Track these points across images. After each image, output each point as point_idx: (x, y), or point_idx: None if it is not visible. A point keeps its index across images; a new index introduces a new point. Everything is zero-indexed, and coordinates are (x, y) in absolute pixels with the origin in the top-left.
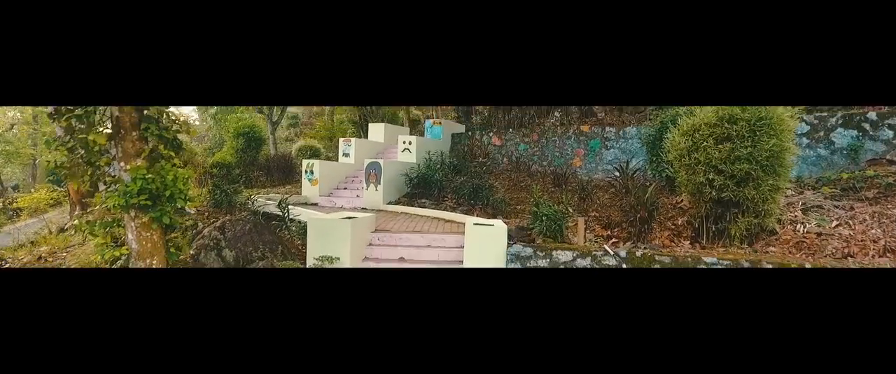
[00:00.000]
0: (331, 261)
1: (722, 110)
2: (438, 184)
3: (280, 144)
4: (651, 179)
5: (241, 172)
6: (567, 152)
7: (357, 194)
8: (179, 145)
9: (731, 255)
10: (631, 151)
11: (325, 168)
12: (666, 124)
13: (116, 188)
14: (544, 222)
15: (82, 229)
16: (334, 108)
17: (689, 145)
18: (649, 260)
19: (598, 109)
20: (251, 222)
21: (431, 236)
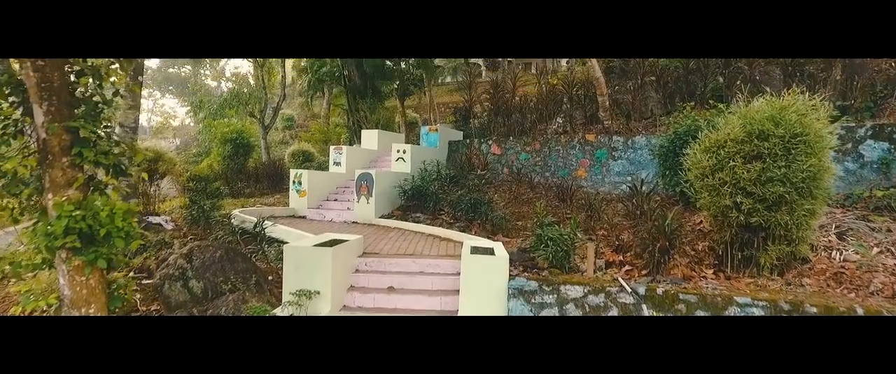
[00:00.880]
0: (309, 296)
1: (750, 125)
2: (434, 197)
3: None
4: (662, 194)
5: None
6: (571, 163)
7: (348, 206)
8: (123, 171)
9: (766, 294)
10: (640, 163)
11: (314, 179)
12: (681, 136)
13: (38, 227)
14: (550, 248)
15: (2, 271)
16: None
17: (713, 164)
18: (672, 299)
19: (603, 116)
20: (223, 247)
21: (425, 262)
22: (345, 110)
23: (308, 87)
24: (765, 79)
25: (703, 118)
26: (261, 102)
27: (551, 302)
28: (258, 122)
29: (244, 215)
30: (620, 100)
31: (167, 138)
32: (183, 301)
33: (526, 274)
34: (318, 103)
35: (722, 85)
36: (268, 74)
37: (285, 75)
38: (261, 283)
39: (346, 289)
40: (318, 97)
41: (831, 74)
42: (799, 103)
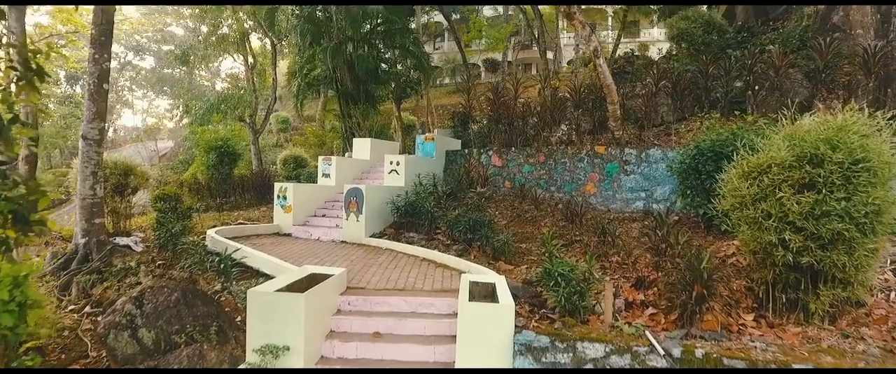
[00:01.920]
0: (275, 353)
1: (799, 147)
2: (429, 215)
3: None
4: (681, 214)
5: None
6: (579, 177)
7: (337, 222)
8: (25, 220)
9: (830, 358)
10: (656, 179)
11: (300, 192)
12: (704, 151)
13: None
14: (563, 290)
15: None
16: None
17: (755, 193)
18: (715, 363)
19: (614, 126)
20: (180, 288)
21: (417, 300)
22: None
23: (298, 92)
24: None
25: (728, 131)
26: (251, 106)
27: (566, 362)
28: (248, 126)
29: (219, 238)
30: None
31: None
32: (131, 354)
33: (535, 325)
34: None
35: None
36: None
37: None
38: (225, 330)
39: (325, 336)
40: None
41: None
42: (860, 123)
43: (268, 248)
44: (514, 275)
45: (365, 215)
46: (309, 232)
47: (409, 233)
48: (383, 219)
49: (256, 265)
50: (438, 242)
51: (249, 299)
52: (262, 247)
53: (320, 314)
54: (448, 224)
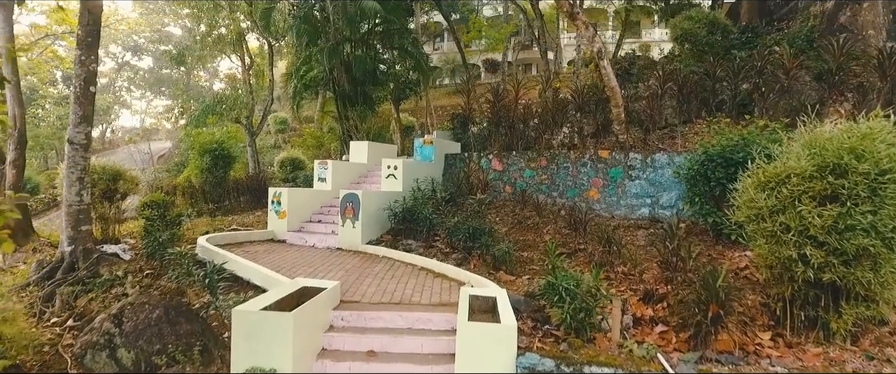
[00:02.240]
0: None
1: (820, 157)
2: (428, 221)
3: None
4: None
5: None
6: (582, 182)
7: (333, 229)
8: None
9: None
10: (661, 184)
11: (295, 198)
12: (713, 157)
13: None
14: (568, 307)
15: None
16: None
17: (772, 204)
18: None
19: (618, 130)
20: (162, 305)
21: (414, 315)
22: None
23: (294, 93)
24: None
25: (737, 136)
26: (248, 108)
27: None
28: (245, 128)
29: (209, 246)
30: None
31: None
32: None
33: (539, 345)
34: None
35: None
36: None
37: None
38: (209, 349)
39: (316, 355)
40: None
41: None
42: (886, 130)
43: (260, 256)
44: (515, 286)
45: (361, 221)
46: (304, 239)
47: (406, 240)
48: (380, 225)
49: (247, 276)
50: (437, 250)
51: (234, 319)
52: (255, 255)
53: (311, 332)
54: (447, 232)
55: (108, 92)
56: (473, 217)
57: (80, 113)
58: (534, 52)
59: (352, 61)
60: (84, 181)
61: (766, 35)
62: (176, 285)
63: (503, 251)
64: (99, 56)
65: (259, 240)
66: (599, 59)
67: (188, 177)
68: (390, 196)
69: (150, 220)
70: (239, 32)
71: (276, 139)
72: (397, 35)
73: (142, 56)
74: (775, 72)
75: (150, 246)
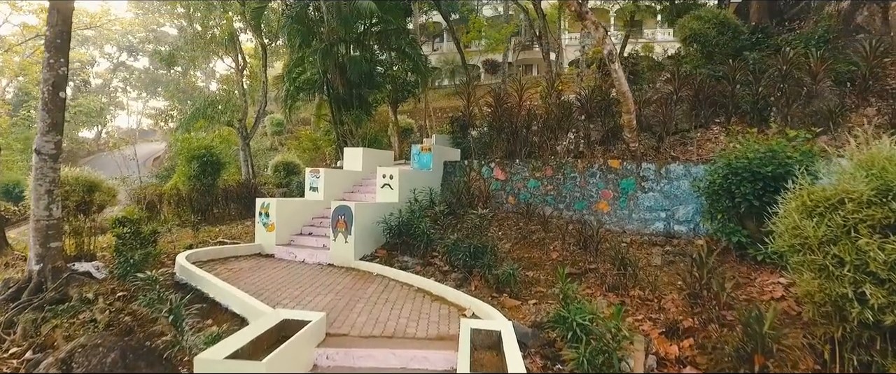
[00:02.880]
0: None
1: (882, 179)
2: (425, 237)
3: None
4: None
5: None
6: (590, 193)
7: (324, 242)
8: None
9: None
10: (677, 197)
11: (284, 209)
12: (737, 170)
13: None
14: (585, 348)
15: None
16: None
17: (822, 234)
18: None
19: (630, 138)
20: (118, 347)
21: (409, 353)
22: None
23: (286, 97)
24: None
25: (764, 147)
26: (241, 110)
27: None
28: (237, 131)
29: (189, 266)
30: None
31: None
32: None
33: None
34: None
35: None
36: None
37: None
38: None
39: None
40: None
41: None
42: None
43: (244, 276)
44: (521, 314)
45: (354, 235)
46: (293, 253)
47: (402, 257)
48: (375, 239)
49: (225, 302)
50: (435, 268)
51: (196, 368)
52: (238, 274)
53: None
54: (446, 249)
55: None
56: (474, 233)
57: (49, 121)
58: (534, 53)
59: (346, 63)
60: (54, 194)
61: (777, 35)
62: (148, 311)
63: (507, 273)
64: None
65: (246, 255)
66: (610, 62)
67: (175, 184)
68: (385, 208)
69: (122, 238)
70: (231, 33)
71: (272, 141)
72: (395, 36)
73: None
74: (801, 77)
75: (122, 267)
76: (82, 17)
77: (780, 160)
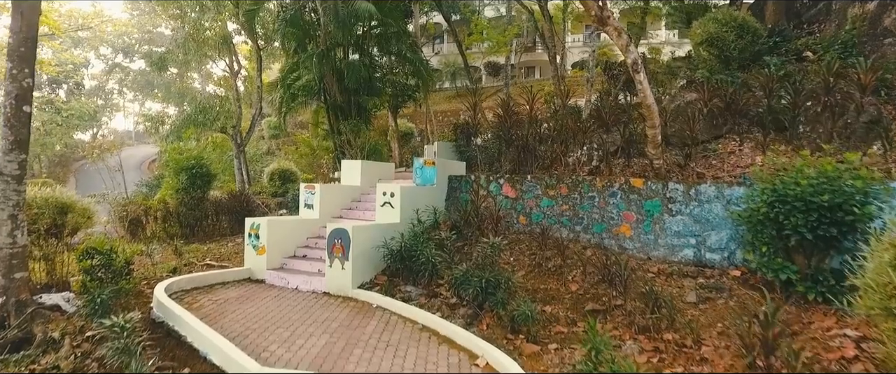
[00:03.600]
0: None
1: None
2: (430, 265)
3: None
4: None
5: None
6: (611, 215)
7: (319, 267)
8: None
9: None
10: (709, 222)
11: (277, 230)
12: (786, 197)
13: None
14: None
15: None
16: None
17: None
18: None
19: (654, 155)
20: None
21: None
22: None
23: (280, 104)
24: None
25: (815, 171)
26: (234, 116)
27: None
28: (231, 138)
29: (166, 302)
30: None
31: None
32: None
33: None
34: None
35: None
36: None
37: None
38: None
39: None
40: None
41: None
42: None
43: (231, 308)
44: (542, 365)
45: (352, 261)
46: (286, 279)
47: (405, 286)
48: (374, 265)
49: (204, 350)
50: (441, 301)
51: None
52: (224, 306)
53: None
54: (454, 281)
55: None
56: (485, 263)
57: (12, 138)
58: (537, 54)
59: (344, 69)
60: (18, 219)
61: (796, 39)
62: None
63: (523, 315)
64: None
65: (234, 281)
66: (635, 72)
67: (163, 197)
68: (386, 230)
69: (91, 272)
70: (225, 35)
71: (270, 145)
72: (395, 39)
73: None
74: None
75: (89, 305)
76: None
77: (837, 188)
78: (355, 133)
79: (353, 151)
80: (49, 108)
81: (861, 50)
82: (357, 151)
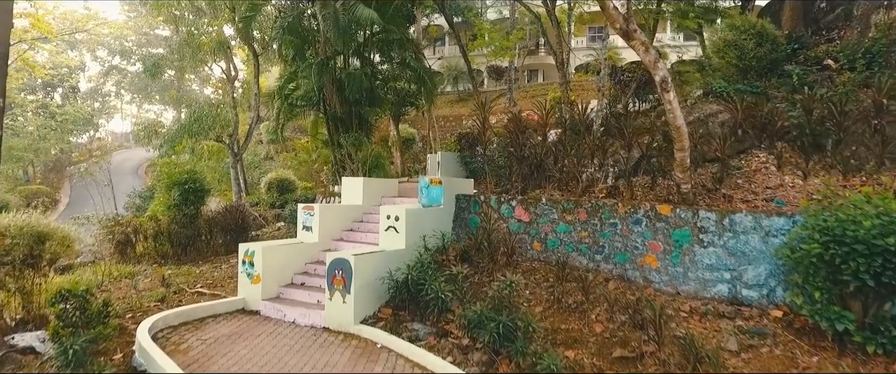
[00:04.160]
0: None
1: None
2: (439, 301)
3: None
4: (785, 306)
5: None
6: (635, 244)
7: (318, 298)
8: None
9: None
10: (745, 255)
11: (272, 257)
12: (843, 238)
13: None
14: None
15: None
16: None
17: None
18: None
19: (682, 179)
20: None
21: None
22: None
23: (277, 116)
24: None
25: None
26: (230, 125)
27: None
28: (227, 147)
29: (149, 347)
30: None
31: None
32: None
33: None
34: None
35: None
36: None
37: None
38: None
39: None
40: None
41: None
42: None
43: (221, 349)
44: None
45: (354, 294)
46: (282, 312)
47: (412, 324)
48: (378, 296)
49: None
50: (452, 342)
51: None
52: (213, 348)
53: None
54: (468, 323)
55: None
56: (502, 304)
57: None
58: (540, 57)
59: (345, 79)
60: None
61: (816, 46)
62: None
63: (548, 369)
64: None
65: (226, 313)
66: (664, 91)
67: (154, 213)
68: (390, 258)
69: (64, 318)
70: (221, 40)
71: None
72: (398, 46)
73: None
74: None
75: (61, 357)
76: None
77: None
78: (356, 147)
79: (353, 165)
80: (43, 112)
81: (887, 59)
82: (358, 165)
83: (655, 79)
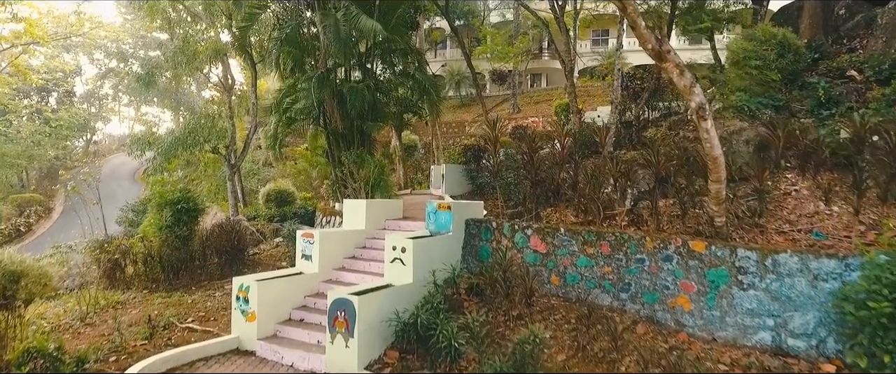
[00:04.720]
0: None
1: None
2: (451, 347)
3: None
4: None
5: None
6: (665, 283)
7: (319, 338)
8: None
9: None
10: (791, 300)
11: (268, 292)
12: None
13: None
14: None
15: None
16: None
17: None
18: None
19: (716, 212)
20: None
21: None
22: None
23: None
24: None
25: None
26: (226, 136)
27: None
28: (224, 159)
29: None
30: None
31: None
32: None
33: None
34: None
35: None
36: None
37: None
38: None
39: None
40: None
41: None
42: None
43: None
44: None
45: (358, 337)
46: (279, 353)
47: (421, 372)
48: (383, 337)
49: None
50: None
51: None
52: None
53: None
54: None
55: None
56: (524, 361)
57: None
58: (544, 62)
59: (346, 93)
60: None
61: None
62: None
63: None
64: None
65: (218, 354)
66: (701, 119)
67: (145, 234)
68: (397, 296)
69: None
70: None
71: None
72: (401, 56)
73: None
74: None
75: None
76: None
77: None
78: (359, 165)
79: (355, 185)
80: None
81: None
82: (360, 185)
83: (691, 105)
